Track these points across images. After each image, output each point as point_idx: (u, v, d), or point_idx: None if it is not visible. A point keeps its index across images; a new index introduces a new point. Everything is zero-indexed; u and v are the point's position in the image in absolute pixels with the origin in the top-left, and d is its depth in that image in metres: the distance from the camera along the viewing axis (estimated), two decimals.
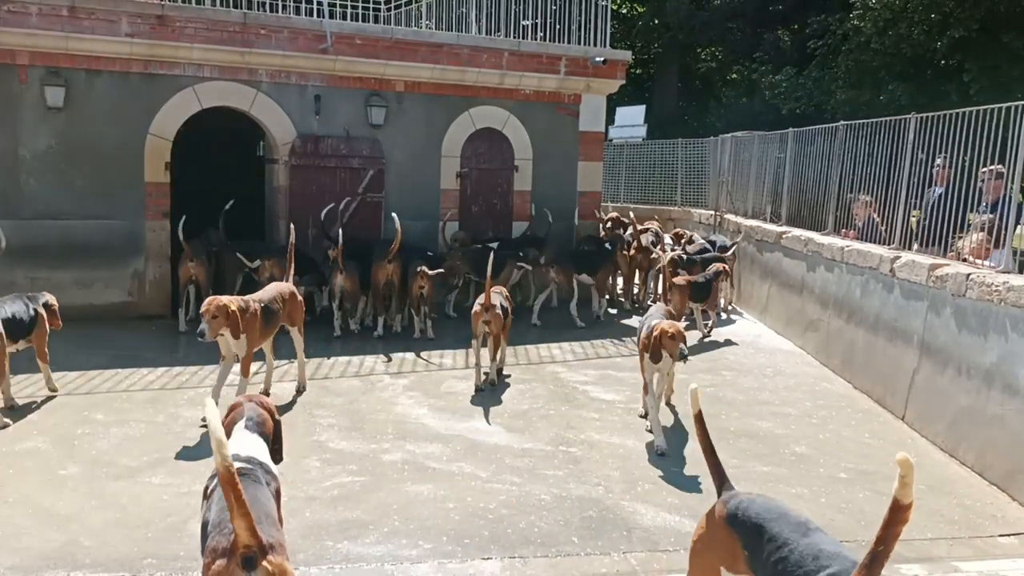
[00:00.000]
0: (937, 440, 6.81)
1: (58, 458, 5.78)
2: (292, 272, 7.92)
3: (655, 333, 6.34)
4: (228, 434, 3.48)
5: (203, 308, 6.32)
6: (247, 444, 3.34)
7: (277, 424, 3.67)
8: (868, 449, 6.65)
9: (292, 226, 8.42)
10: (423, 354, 9.04)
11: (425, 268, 9.43)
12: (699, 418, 3.46)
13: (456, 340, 9.69)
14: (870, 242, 8.79)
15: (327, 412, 7.02)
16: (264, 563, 2.66)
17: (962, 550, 4.96)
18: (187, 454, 5.96)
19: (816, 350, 9.69)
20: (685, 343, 6.31)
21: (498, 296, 7.87)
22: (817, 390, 8.34)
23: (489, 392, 7.76)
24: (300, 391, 7.53)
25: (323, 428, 6.62)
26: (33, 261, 9.63)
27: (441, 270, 9.77)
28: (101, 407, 6.89)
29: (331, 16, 11.16)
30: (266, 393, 7.22)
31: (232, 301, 6.42)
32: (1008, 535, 5.22)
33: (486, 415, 7.08)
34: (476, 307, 7.77)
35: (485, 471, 5.85)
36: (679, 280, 10.06)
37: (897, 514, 2.47)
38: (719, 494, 3.30)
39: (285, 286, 7.51)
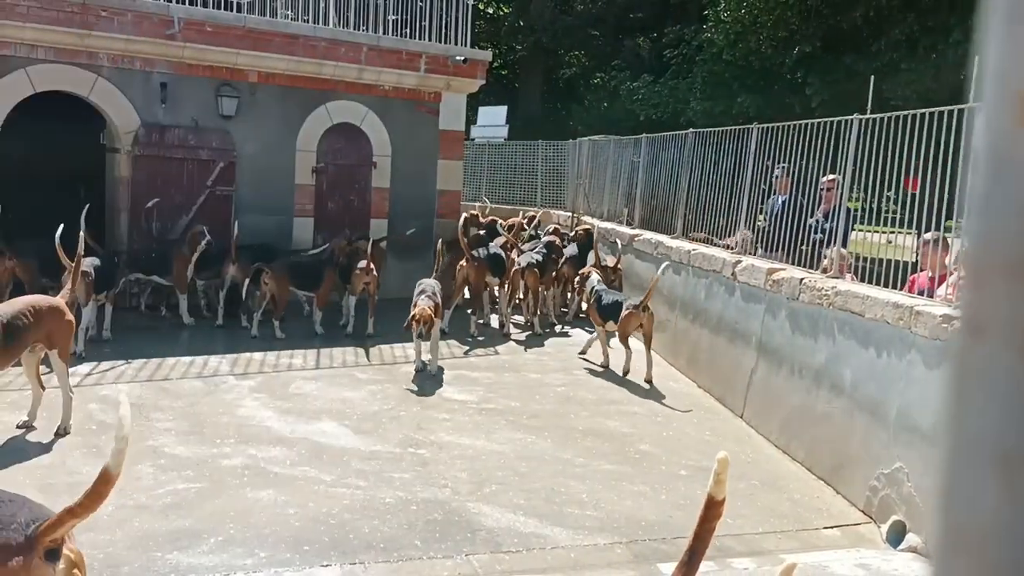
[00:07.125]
0: (771, 437, 7.12)
1: None
2: (72, 285, 6.44)
3: None
4: None
5: None
6: None
7: None
8: (708, 447, 6.88)
9: (59, 230, 6.93)
10: (271, 355, 8.79)
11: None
12: None
13: (303, 339, 9.47)
14: (715, 247, 9.13)
15: (165, 415, 6.69)
16: (66, 551, 2.78)
17: (789, 543, 5.19)
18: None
19: (664, 350, 9.97)
20: None
21: (432, 285, 8.81)
22: (664, 389, 8.58)
23: (339, 393, 7.61)
24: (62, 433, 6.02)
25: (159, 432, 6.30)
26: None
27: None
28: None
29: (180, 1, 10.66)
30: (29, 427, 6.12)
31: None
32: (831, 527, 5.51)
33: (334, 417, 6.93)
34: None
35: (330, 475, 5.71)
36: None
37: (711, 510, 2.52)
38: None
39: (43, 299, 6.05)
